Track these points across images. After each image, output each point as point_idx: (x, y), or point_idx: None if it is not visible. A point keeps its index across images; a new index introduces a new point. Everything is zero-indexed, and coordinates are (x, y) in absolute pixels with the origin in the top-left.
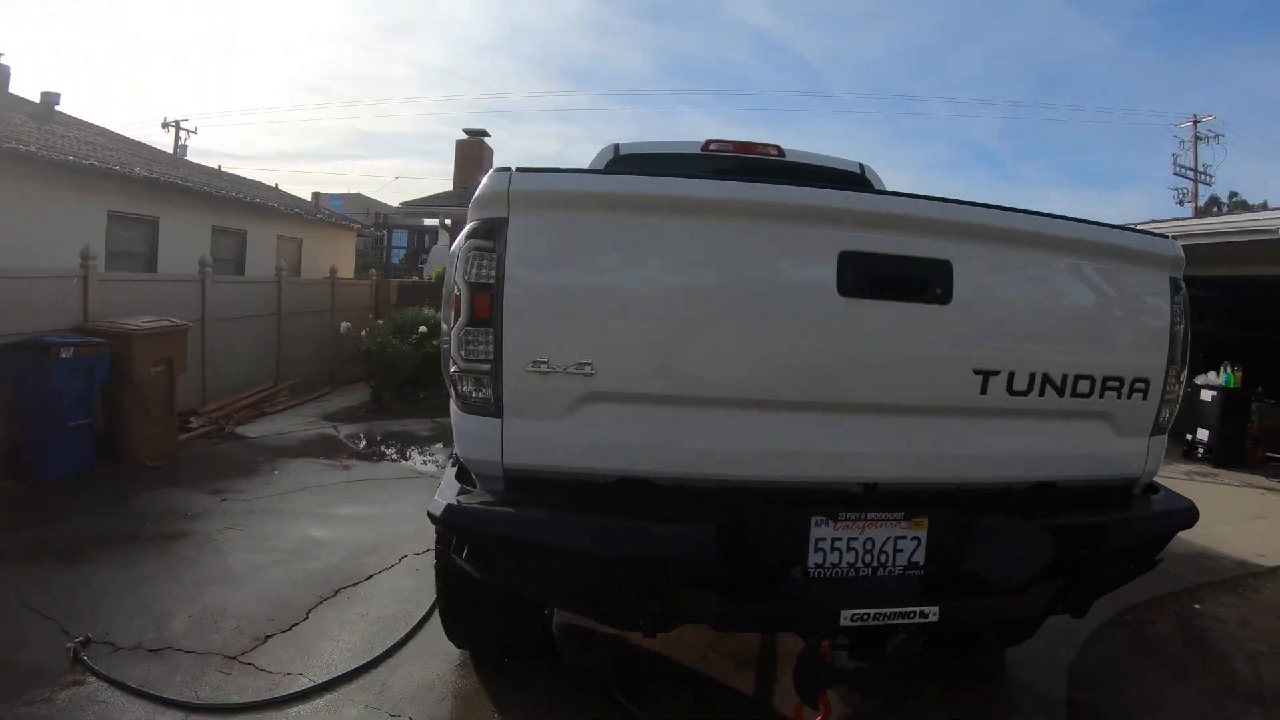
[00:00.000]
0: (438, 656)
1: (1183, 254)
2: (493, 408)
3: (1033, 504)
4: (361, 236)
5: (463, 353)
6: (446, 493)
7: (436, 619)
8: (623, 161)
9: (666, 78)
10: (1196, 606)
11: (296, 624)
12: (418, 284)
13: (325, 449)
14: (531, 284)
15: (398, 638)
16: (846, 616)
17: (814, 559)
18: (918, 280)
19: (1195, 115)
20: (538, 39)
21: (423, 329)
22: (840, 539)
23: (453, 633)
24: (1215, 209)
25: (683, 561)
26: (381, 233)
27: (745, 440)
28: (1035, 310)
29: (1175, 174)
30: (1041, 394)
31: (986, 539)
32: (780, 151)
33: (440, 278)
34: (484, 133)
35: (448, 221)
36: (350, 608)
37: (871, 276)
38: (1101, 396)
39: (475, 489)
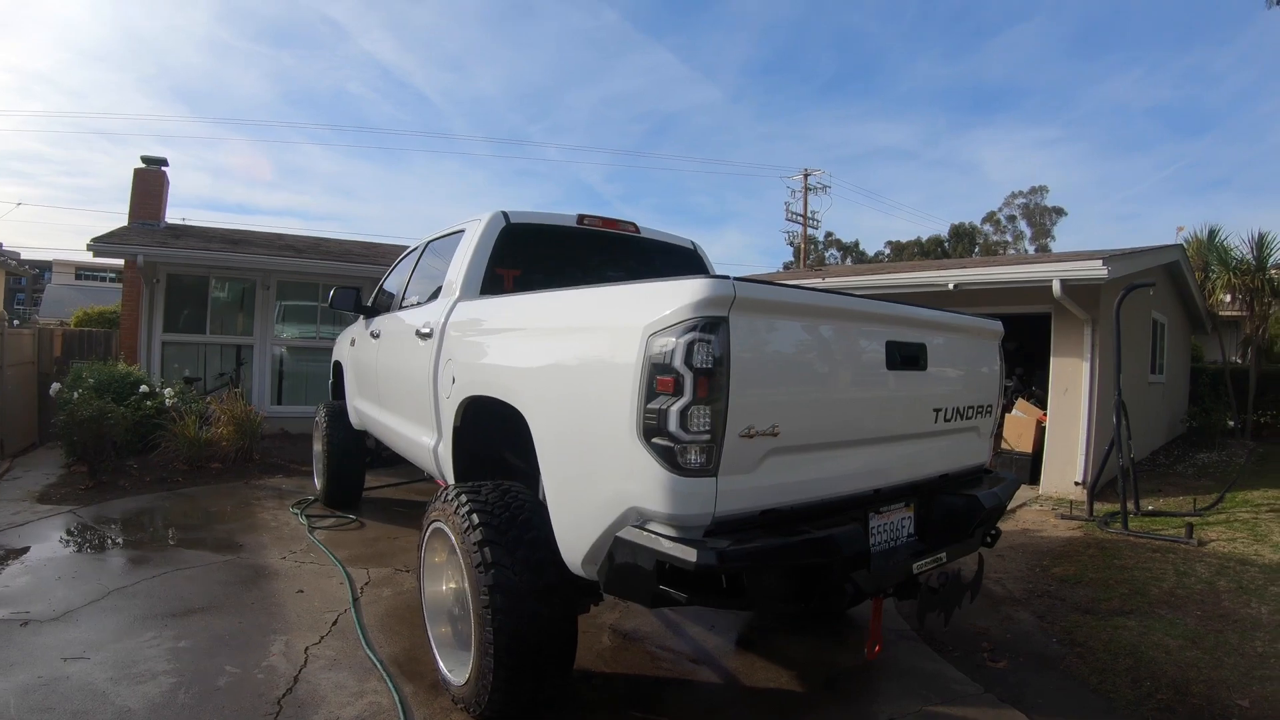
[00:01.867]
0: None
1: (1002, 327)
2: (711, 469)
3: (944, 487)
4: (14, 275)
5: (687, 427)
6: (673, 546)
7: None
8: (513, 230)
9: (285, 107)
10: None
11: None
12: (87, 332)
13: (89, 544)
14: (745, 367)
15: None
16: (915, 569)
17: (874, 540)
18: (915, 356)
19: (806, 169)
20: (152, 54)
21: (144, 388)
22: (880, 525)
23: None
24: (816, 247)
25: (858, 553)
26: (35, 270)
27: (843, 466)
28: (954, 368)
29: (787, 219)
30: (954, 419)
31: (944, 510)
32: (636, 228)
33: (83, 322)
34: (163, 161)
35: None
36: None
37: (899, 354)
38: (975, 418)
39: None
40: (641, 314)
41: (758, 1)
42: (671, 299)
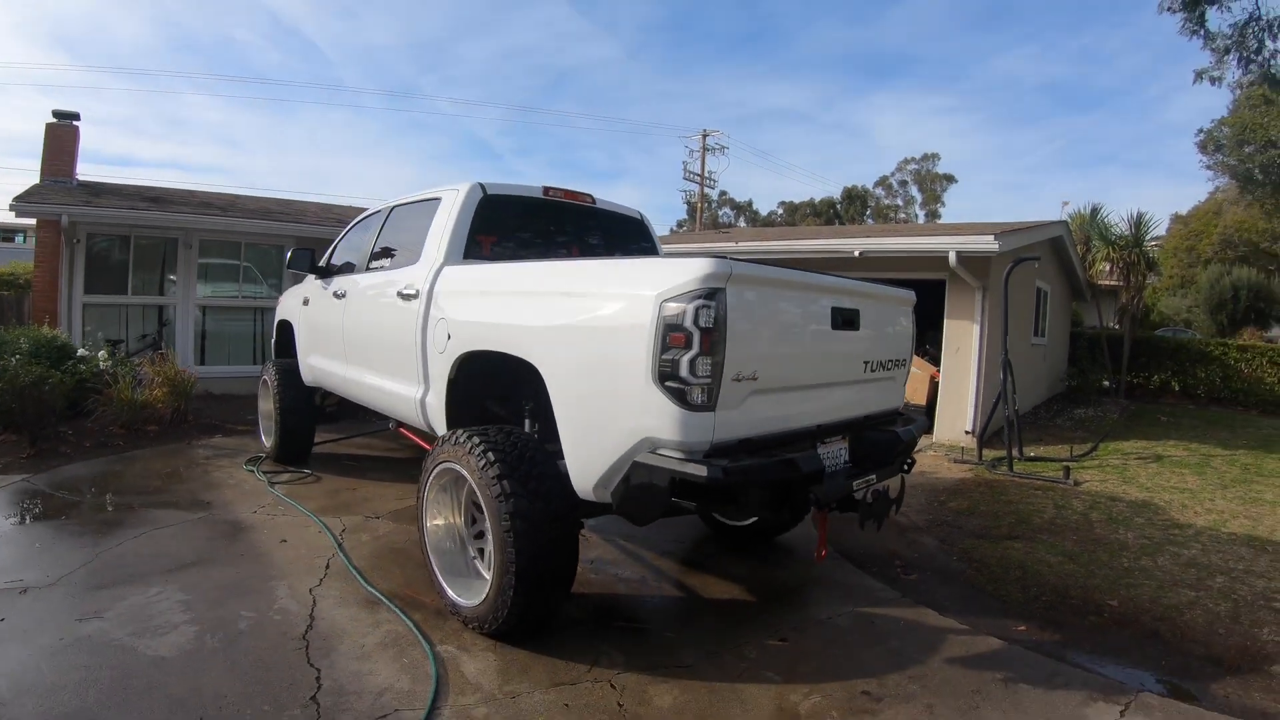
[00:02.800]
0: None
1: (914, 296)
2: (710, 406)
3: (870, 424)
4: None
5: (695, 373)
6: (686, 465)
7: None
8: (489, 200)
9: (170, 53)
10: None
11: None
12: None
13: (57, 511)
14: (737, 327)
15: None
16: (855, 487)
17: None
18: (852, 319)
19: (705, 130)
20: None
21: (82, 350)
22: (825, 453)
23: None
24: (710, 206)
25: (815, 471)
26: None
27: (798, 406)
28: (878, 329)
29: (685, 179)
30: (878, 370)
31: (871, 442)
32: (593, 200)
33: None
34: (75, 115)
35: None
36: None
37: (840, 318)
38: (893, 369)
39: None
40: (654, 284)
41: None
42: (682, 272)
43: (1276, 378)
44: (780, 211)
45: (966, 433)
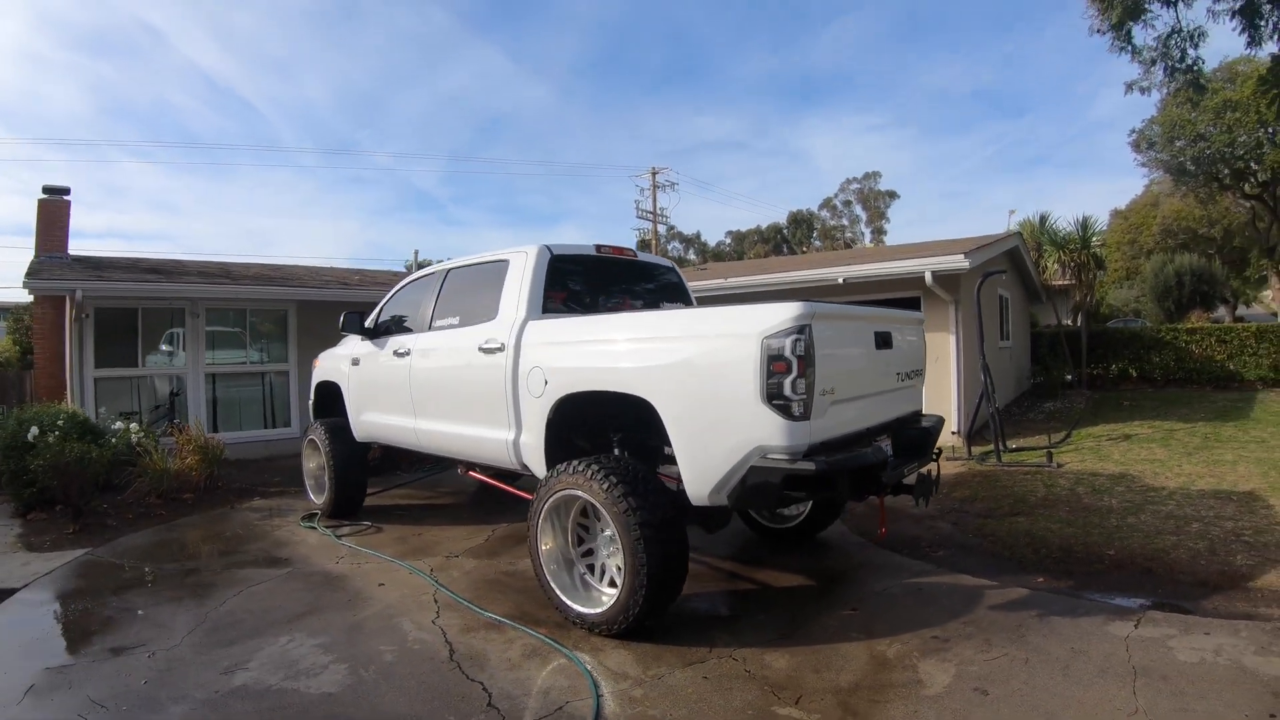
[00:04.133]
0: None
1: (923, 316)
2: (807, 416)
3: (904, 423)
4: None
5: (795, 391)
6: (796, 464)
7: None
8: (557, 260)
9: (105, 121)
10: None
11: None
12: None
13: (138, 580)
14: (820, 353)
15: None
16: (905, 472)
17: None
18: (888, 339)
19: (654, 168)
20: None
21: (119, 424)
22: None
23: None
24: (660, 241)
25: (882, 462)
26: None
27: (858, 412)
28: (904, 346)
29: (638, 217)
30: (905, 379)
31: (908, 437)
32: (634, 254)
33: None
34: (65, 190)
35: None
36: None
37: (880, 339)
38: (914, 378)
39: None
40: (755, 324)
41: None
42: (778, 314)
43: (1225, 354)
44: (728, 241)
45: (954, 433)
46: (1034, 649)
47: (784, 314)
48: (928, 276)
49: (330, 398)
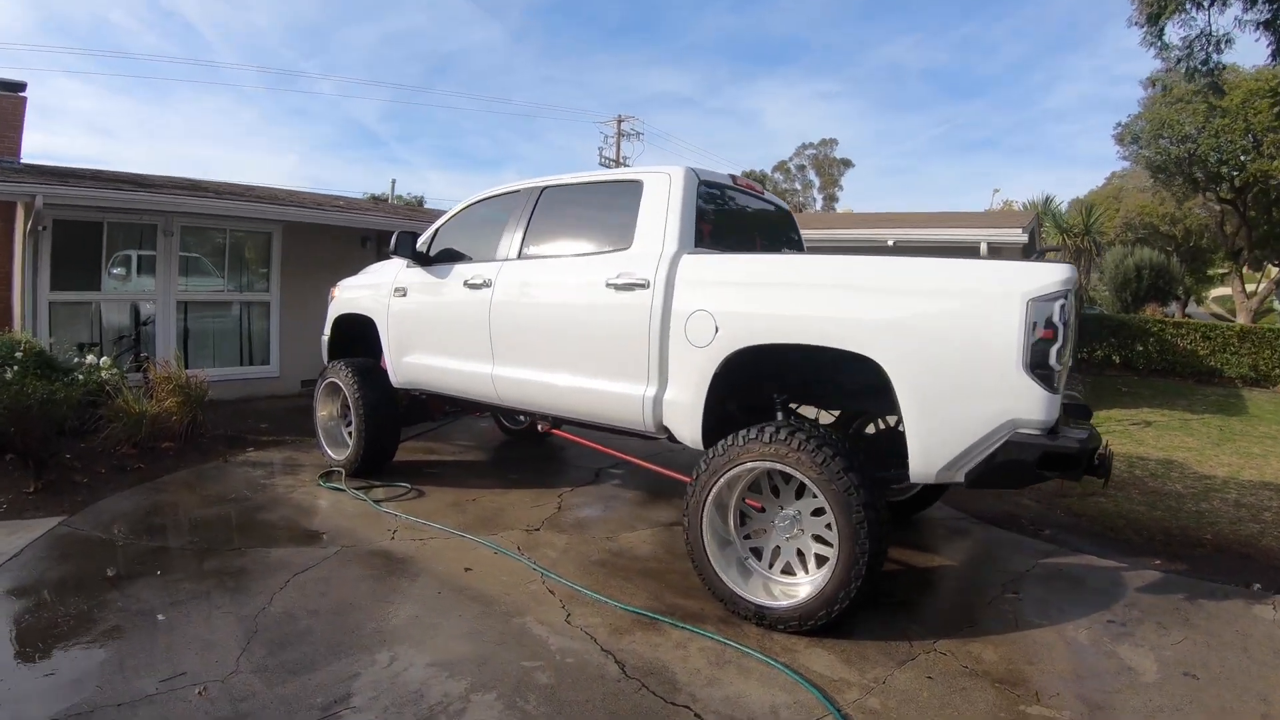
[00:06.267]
0: None
1: None
2: (1059, 389)
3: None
4: None
5: (1060, 361)
6: (1053, 441)
7: None
8: (704, 184)
9: (39, 35)
10: None
11: None
12: None
13: (139, 565)
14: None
15: None
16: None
17: None
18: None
19: (620, 116)
20: None
21: (90, 359)
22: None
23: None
24: None
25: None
26: None
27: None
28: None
29: (601, 163)
30: None
31: (1080, 411)
32: (761, 190)
33: None
34: (21, 85)
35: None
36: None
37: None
38: None
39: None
40: (1018, 282)
41: None
42: (1048, 275)
43: (1208, 350)
44: None
45: None
46: (1205, 632)
47: (1054, 275)
48: (983, 247)
49: (350, 335)
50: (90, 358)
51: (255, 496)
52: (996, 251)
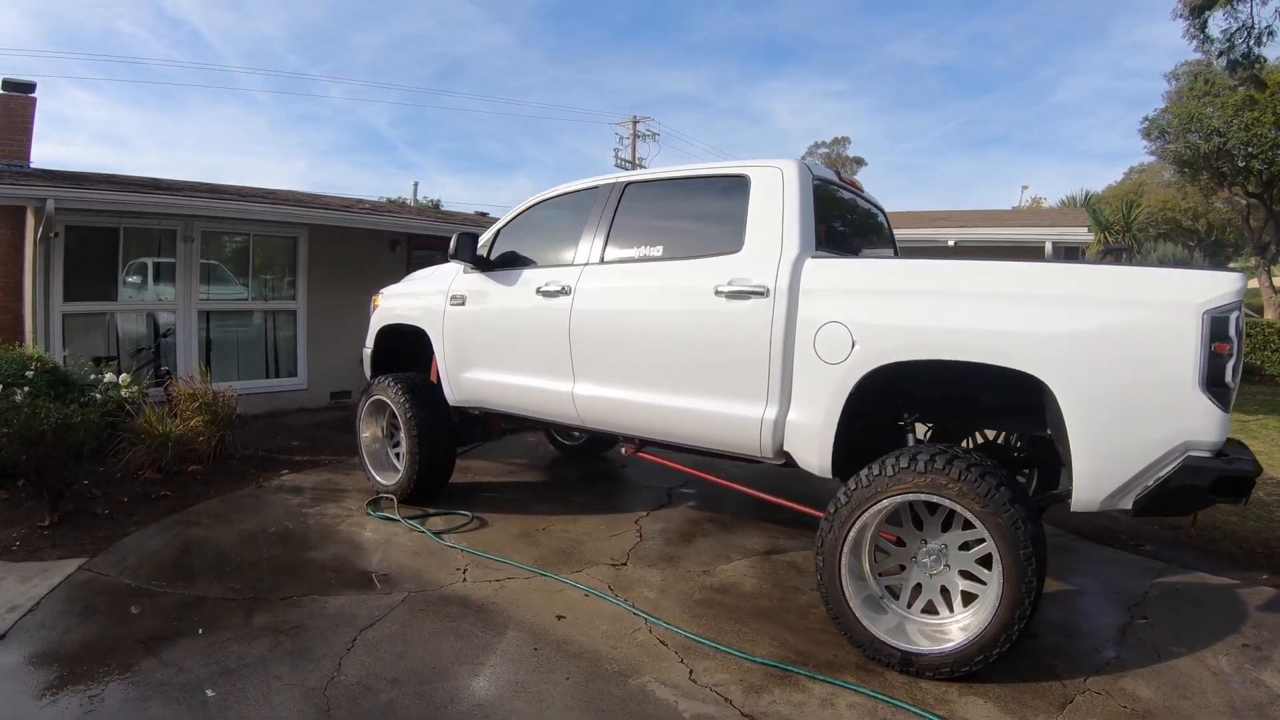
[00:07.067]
0: None
1: None
2: (1229, 408)
3: None
4: None
5: (1234, 378)
6: (1229, 465)
7: None
8: (816, 179)
9: (50, 48)
10: None
11: None
12: None
13: (180, 619)
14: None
15: None
16: None
17: None
18: None
19: (635, 116)
20: None
21: (109, 377)
22: None
23: None
24: None
25: None
26: None
27: None
28: None
29: (616, 165)
30: None
31: None
32: (861, 188)
33: None
34: (30, 86)
35: None
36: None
37: None
38: None
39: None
40: (1192, 292)
41: None
42: (1222, 284)
43: (1249, 347)
44: None
45: None
46: None
47: (1228, 284)
48: (1048, 247)
49: (395, 349)
50: (109, 375)
51: (299, 529)
52: (1059, 250)
